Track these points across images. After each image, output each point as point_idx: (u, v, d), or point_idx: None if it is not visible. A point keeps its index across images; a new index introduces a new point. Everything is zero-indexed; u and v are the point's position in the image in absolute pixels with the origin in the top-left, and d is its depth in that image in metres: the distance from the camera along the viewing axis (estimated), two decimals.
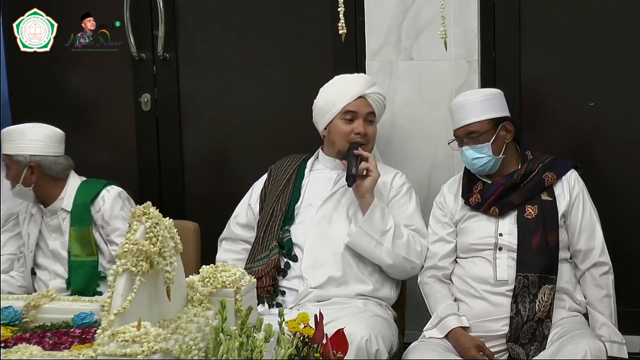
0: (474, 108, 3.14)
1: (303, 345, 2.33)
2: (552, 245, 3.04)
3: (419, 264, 3.22)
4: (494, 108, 3.16)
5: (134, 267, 2.09)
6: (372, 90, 3.34)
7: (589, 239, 3.10)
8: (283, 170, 3.43)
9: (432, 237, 3.26)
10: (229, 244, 3.47)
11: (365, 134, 3.29)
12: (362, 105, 3.31)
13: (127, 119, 4.04)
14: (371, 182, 3.20)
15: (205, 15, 4.02)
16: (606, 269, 3.10)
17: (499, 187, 3.13)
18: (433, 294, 3.19)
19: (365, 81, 3.37)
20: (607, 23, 3.56)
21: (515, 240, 3.07)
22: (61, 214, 3.48)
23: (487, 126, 3.13)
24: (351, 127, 3.30)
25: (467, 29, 3.52)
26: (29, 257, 3.52)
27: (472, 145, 3.13)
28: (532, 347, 2.97)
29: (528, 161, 3.16)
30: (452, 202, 3.25)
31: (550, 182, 3.11)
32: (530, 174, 3.13)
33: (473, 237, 3.16)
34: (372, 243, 3.16)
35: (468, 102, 3.16)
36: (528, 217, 3.08)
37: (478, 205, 3.16)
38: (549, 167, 3.13)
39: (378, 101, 3.35)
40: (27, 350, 2.09)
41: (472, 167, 3.17)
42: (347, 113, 3.31)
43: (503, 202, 3.12)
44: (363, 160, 3.21)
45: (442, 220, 3.25)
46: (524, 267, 3.02)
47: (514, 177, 3.13)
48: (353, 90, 3.32)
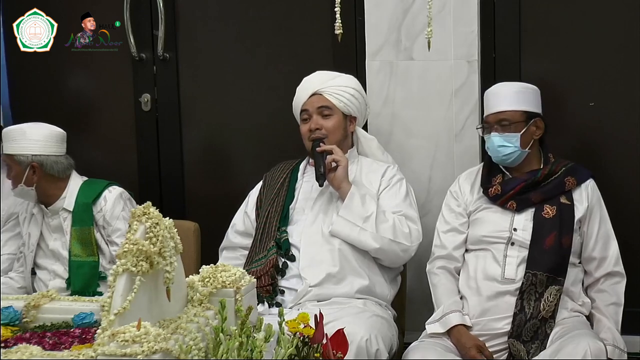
0: (510, 97, 3.15)
1: (303, 345, 2.33)
2: (565, 247, 3.05)
3: (410, 245, 3.20)
4: (530, 102, 3.17)
5: (134, 267, 2.09)
6: (328, 85, 3.35)
7: (604, 248, 3.12)
8: (277, 175, 3.46)
9: (444, 226, 3.25)
10: (229, 252, 3.49)
11: (320, 128, 3.31)
12: (314, 101, 3.35)
13: (127, 119, 4.04)
14: (342, 171, 3.22)
15: (205, 15, 4.02)
16: (619, 279, 3.12)
17: (521, 182, 3.13)
18: (440, 286, 3.19)
19: (320, 78, 3.39)
20: (607, 23, 3.56)
21: (528, 237, 3.07)
22: (62, 213, 3.48)
23: (519, 117, 3.14)
24: (308, 126, 3.33)
25: (467, 29, 3.52)
26: (30, 257, 3.51)
27: (501, 132, 3.13)
28: (533, 346, 2.97)
29: (551, 163, 3.17)
30: (467, 192, 3.25)
31: (571, 187, 3.13)
32: (553, 175, 3.14)
33: (486, 229, 3.15)
34: (355, 229, 3.17)
35: (505, 91, 3.18)
36: (545, 216, 3.08)
37: (496, 197, 3.15)
38: (570, 172, 3.14)
39: (338, 93, 3.34)
40: (27, 350, 2.09)
41: (496, 155, 3.16)
42: (302, 113, 3.37)
43: (522, 197, 3.13)
44: (328, 154, 3.23)
45: (456, 210, 3.25)
46: (534, 265, 3.03)
47: (537, 175, 3.13)
48: (307, 89, 3.37)
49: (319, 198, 3.31)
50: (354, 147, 3.44)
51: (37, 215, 3.53)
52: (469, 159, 3.55)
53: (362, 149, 3.47)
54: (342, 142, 3.35)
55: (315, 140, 3.30)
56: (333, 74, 3.42)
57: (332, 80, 3.37)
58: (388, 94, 3.62)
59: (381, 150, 3.47)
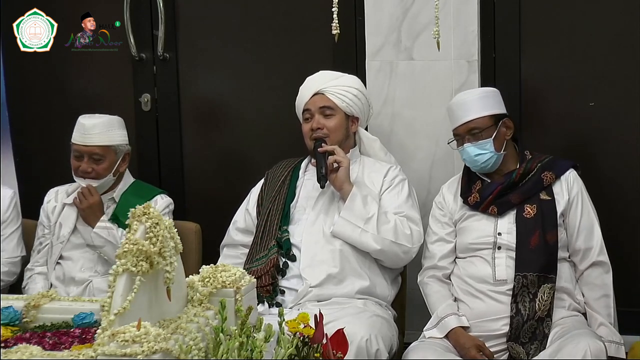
0: (474, 105, 3.15)
1: (303, 345, 2.33)
2: (551, 244, 3.05)
3: (411, 247, 3.21)
4: (494, 105, 3.18)
5: (134, 267, 2.09)
6: (331, 84, 3.35)
7: (588, 238, 3.10)
8: (279, 173, 3.46)
9: (431, 237, 3.26)
10: (230, 249, 3.49)
11: (321, 127, 3.31)
12: (317, 101, 3.35)
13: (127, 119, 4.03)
14: (344, 172, 3.22)
15: (205, 15, 4.02)
16: (605, 269, 3.10)
17: (498, 186, 3.14)
18: (433, 293, 3.19)
19: (323, 78, 3.39)
20: (607, 23, 3.55)
21: (514, 240, 3.08)
22: (108, 203, 3.52)
23: (488, 122, 3.14)
24: (309, 125, 3.33)
25: (467, 29, 3.52)
26: (58, 248, 3.51)
27: (473, 142, 3.13)
28: (533, 346, 2.97)
29: (527, 160, 3.16)
30: (451, 202, 3.25)
31: (549, 182, 3.12)
32: (529, 174, 3.13)
33: (472, 236, 3.16)
34: (357, 231, 3.17)
35: (468, 99, 3.18)
36: (527, 217, 3.08)
37: (477, 205, 3.16)
38: (547, 167, 3.13)
39: (341, 93, 3.34)
40: (27, 350, 2.09)
41: (474, 165, 3.17)
42: (304, 112, 3.37)
43: (501, 201, 3.13)
44: (330, 154, 3.23)
45: (442, 220, 3.26)
46: (523, 267, 3.03)
47: (512, 177, 3.13)
48: (310, 89, 3.37)
49: (320, 197, 3.31)
50: (357, 146, 3.44)
51: (71, 207, 3.52)
52: None
53: (365, 149, 3.47)
54: (343, 142, 3.35)
55: (316, 140, 3.30)
56: (336, 74, 3.42)
57: (335, 80, 3.37)
58: (388, 94, 3.62)
59: (384, 150, 3.47)
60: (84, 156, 3.45)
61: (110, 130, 3.48)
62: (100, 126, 3.46)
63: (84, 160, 3.45)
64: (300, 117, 3.42)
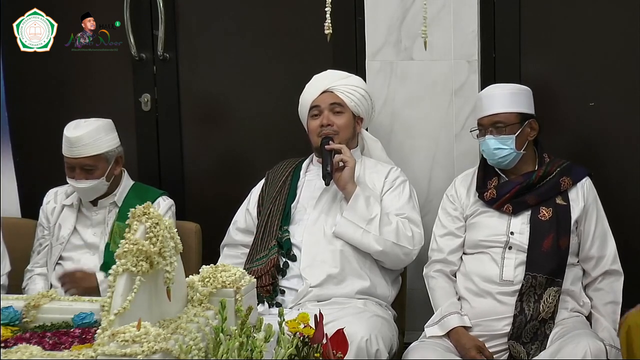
0: (504, 99, 3.16)
1: (303, 345, 2.33)
2: (563, 249, 3.05)
3: (412, 249, 3.21)
4: (523, 103, 3.18)
5: (134, 267, 2.09)
6: (340, 83, 3.36)
7: (602, 247, 3.12)
8: (280, 173, 3.45)
9: (441, 230, 3.26)
10: (230, 249, 3.49)
11: (331, 124, 3.30)
12: (326, 98, 3.34)
13: (127, 119, 4.03)
14: (349, 172, 3.21)
15: (205, 15, 4.01)
16: (617, 277, 3.12)
17: (516, 185, 3.13)
18: (438, 289, 3.19)
19: (332, 76, 3.40)
20: (607, 23, 3.56)
21: (526, 240, 3.07)
22: (110, 207, 3.50)
23: (514, 119, 3.14)
24: (318, 122, 3.32)
25: (467, 29, 3.52)
26: (57, 249, 3.51)
27: (496, 135, 3.13)
28: (533, 347, 2.98)
29: (546, 163, 3.17)
30: (464, 196, 3.25)
31: (566, 187, 3.13)
32: (548, 176, 3.14)
33: (483, 233, 3.15)
34: (359, 231, 3.16)
35: (498, 93, 3.18)
36: (542, 219, 3.08)
37: (492, 201, 3.15)
38: (566, 172, 3.14)
39: (350, 92, 3.35)
40: (27, 350, 2.09)
41: (492, 158, 3.16)
42: (313, 109, 3.36)
43: (518, 200, 3.13)
44: (337, 153, 3.22)
45: (453, 214, 3.25)
46: (534, 267, 3.03)
47: (532, 178, 3.13)
48: (318, 86, 3.37)
49: (321, 197, 3.31)
50: (358, 147, 3.44)
51: (71, 208, 3.52)
52: (469, 159, 3.54)
53: (366, 150, 3.47)
54: (350, 141, 3.35)
55: (324, 137, 3.30)
56: (344, 74, 3.43)
57: (345, 79, 3.39)
58: (388, 94, 3.62)
59: (384, 152, 3.48)
60: (75, 167, 3.44)
61: (97, 139, 3.43)
62: (86, 137, 3.41)
63: (76, 172, 3.43)
64: (304, 114, 3.40)
